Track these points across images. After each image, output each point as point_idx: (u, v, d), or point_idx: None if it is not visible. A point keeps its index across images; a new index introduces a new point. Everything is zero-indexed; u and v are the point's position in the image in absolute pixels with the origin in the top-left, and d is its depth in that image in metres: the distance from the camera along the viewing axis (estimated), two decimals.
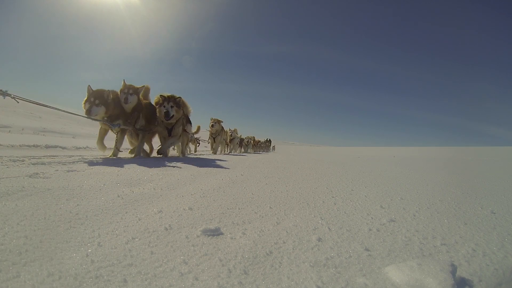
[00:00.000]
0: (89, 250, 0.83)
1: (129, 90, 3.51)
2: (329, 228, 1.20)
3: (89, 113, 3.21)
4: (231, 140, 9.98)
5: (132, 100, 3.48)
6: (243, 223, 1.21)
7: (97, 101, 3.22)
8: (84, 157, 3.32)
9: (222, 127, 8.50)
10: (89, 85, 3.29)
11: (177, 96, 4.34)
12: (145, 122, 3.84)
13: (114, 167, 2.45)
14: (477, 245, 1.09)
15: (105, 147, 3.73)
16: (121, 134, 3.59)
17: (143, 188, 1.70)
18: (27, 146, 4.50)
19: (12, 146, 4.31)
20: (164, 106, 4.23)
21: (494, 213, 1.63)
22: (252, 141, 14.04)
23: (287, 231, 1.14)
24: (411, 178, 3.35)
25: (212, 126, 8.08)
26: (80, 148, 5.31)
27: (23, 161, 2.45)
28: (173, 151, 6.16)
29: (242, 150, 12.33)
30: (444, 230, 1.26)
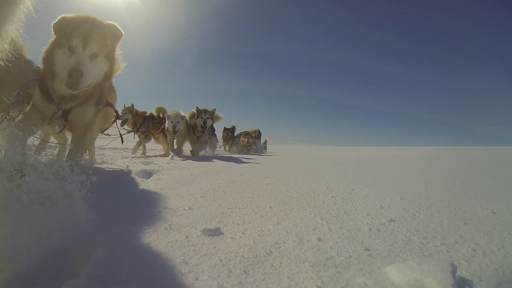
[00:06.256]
0: None
1: None
2: (329, 228, 1.20)
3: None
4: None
5: None
6: (243, 223, 1.21)
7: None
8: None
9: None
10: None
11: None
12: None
13: (114, 168, 2.45)
14: (477, 245, 1.09)
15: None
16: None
17: (143, 188, 1.70)
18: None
19: None
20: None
21: (494, 213, 1.63)
22: (192, 127, 4.86)
23: (287, 231, 1.14)
24: (411, 178, 3.34)
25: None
26: None
27: None
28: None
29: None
30: (444, 230, 1.26)
